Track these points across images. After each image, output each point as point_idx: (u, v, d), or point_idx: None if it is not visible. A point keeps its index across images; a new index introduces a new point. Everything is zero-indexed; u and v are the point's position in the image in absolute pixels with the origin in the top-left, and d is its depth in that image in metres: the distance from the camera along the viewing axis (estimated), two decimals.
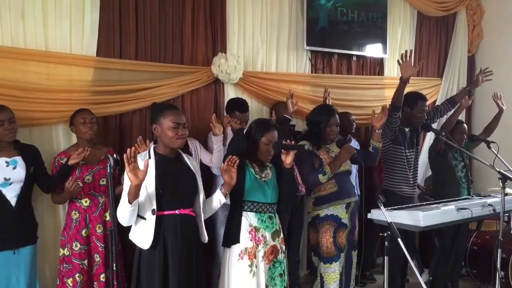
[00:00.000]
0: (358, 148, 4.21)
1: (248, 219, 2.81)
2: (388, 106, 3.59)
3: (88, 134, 3.16)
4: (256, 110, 4.27)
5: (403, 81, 3.56)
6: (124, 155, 2.28)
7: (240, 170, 2.71)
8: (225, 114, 3.72)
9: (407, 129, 3.86)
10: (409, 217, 3.09)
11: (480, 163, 3.56)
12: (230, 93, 4.12)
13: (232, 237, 2.78)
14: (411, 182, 3.87)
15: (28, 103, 3.12)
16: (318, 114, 3.43)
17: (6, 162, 2.88)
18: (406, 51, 3.61)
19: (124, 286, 3.18)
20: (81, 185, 3.06)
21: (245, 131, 3.04)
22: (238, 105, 3.79)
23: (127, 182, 2.38)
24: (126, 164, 2.27)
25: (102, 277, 3.11)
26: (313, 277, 3.53)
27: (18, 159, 2.92)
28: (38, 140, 3.23)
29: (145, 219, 2.46)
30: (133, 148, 2.31)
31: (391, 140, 3.74)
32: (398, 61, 3.65)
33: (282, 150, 2.82)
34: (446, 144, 3.97)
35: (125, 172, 2.34)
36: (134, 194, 2.34)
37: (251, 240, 2.78)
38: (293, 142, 2.90)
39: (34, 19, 3.22)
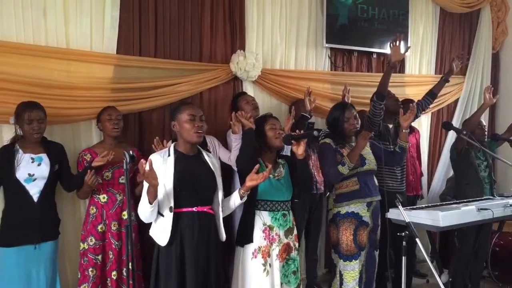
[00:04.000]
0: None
1: (262, 218, 2.80)
2: (374, 97, 3.63)
3: (114, 131, 3.20)
4: (275, 107, 4.25)
5: (391, 66, 3.61)
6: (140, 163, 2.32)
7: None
8: (240, 112, 3.74)
9: (390, 126, 3.91)
10: (428, 217, 3.06)
11: (504, 163, 3.50)
12: (249, 90, 4.11)
13: (246, 236, 2.78)
14: (399, 177, 3.90)
15: (49, 100, 3.15)
16: (333, 112, 3.41)
17: (32, 158, 2.92)
18: (396, 36, 3.67)
19: (141, 286, 3.22)
20: (100, 181, 3.10)
21: None
22: (239, 94, 3.92)
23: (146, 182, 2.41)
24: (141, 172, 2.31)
25: (113, 274, 3.13)
26: (331, 275, 3.48)
27: (44, 156, 2.97)
28: (59, 137, 3.27)
29: (163, 216, 2.49)
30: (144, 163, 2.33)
31: (375, 135, 3.71)
32: (389, 44, 3.69)
33: (293, 142, 2.81)
34: (468, 143, 3.90)
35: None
36: (153, 194, 2.39)
37: (264, 238, 2.77)
38: (302, 132, 2.88)
39: (55, 16, 3.27)
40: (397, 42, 3.61)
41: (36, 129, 2.90)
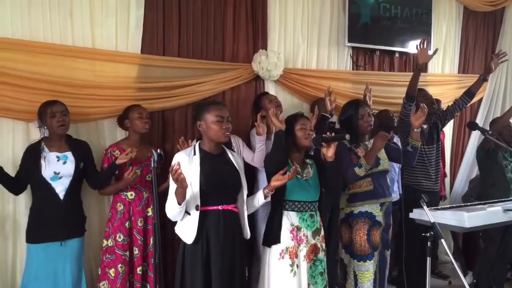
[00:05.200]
0: (399, 144, 4.13)
1: (290, 218, 2.80)
2: (404, 99, 3.65)
3: (145, 129, 3.27)
4: (297, 107, 4.23)
5: (419, 68, 3.61)
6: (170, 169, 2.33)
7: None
8: (272, 110, 3.75)
9: (425, 126, 3.87)
10: (453, 217, 3.02)
11: None
12: (271, 90, 4.12)
13: (273, 237, 2.77)
14: (433, 177, 3.89)
15: (75, 99, 3.21)
16: (346, 110, 3.38)
17: (57, 156, 2.98)
18: (422, 39, 3.66)
19: (161, 281, 3.25)
20: (139, 174, 3.16)
21: None
22: (261, 94, 3.93)
23: (173, 182, 2.42)
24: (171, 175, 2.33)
25: (139, 269, 3.18)
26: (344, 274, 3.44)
27: (69, 154, 3.02)
28: (84, 135, 3.32)
29: (189, 214, 2.51)
30: (175, 167, 2.33)
31: (407, 135, 3.67)
32: (416, 46, 3.68)
33: (323, 143, 2.80)
34: (495, 143, 3.86)
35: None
36: (182, 196, 2.40)
37: (292, 239, 2.77)
38: (332, 134, 2.86)
39: (81, 17, 3.32)
40: (424, 44, 3.59)
41: (61, 120, 2.95)
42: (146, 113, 3.29)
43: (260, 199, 2.70)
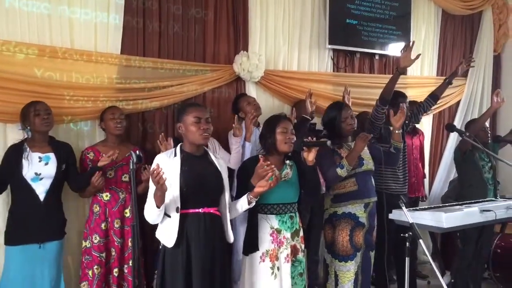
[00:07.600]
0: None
1: (269, 222, 2.77)
2: (377, 102, 3.59)
3: (117, 129, 3.23)
4: (278, 108, 4.26)
5: (400, 72, 3.59)
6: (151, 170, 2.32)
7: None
8: (241, 114, 3.75)
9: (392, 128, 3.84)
10: (431, 218, 3.06)
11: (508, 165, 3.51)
12: (252, 91, 4.13)
13: (251, 247, 2.75)
14: (401, 179, 3.88)
15: (54, 100, 3.17)
16: (329, 112, 3.37)
17: (39, 157, 2.94)
18: (408, 43, 3.68)
19: (143, 283, 3.22)
20: (110, 176, 3.14)
21: (260, 131, 3.03)
22: (239, 95, 3.92)
23: (152, 184, 2.38)
24: (152, 178, 2.30)
25: (115, 271, 3.15)
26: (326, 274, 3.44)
27: (51, 155, 2.99)
28: (63, 136, 3.28)
29: (169, 216, 2.46)
30: (156, 169, 2.30)
31: (376, 138, 3.68)
32: (400, 51, 3.70)
33: (304, 148, 2.79)
34: (472, 144, 3.91)
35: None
36: (161, 199, 2.37)
37: (272, 242, 2.75)
38: (314, 139, 2.85)
39: (60, 17, 3.28)
40: (408, 49, 3.62)
41: (45, 118, 2.94)
42: (119, 114, 3.26)
43: (243, 205, 2.63)
